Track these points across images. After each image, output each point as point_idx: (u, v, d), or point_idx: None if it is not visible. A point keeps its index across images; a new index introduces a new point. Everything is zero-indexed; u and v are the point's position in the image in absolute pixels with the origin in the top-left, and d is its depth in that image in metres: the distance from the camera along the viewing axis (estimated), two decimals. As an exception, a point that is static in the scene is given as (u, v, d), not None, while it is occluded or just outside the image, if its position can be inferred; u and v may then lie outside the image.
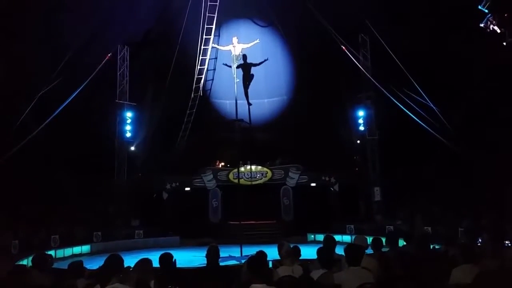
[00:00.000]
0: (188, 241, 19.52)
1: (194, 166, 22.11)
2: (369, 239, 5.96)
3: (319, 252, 4.82)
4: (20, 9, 14.87)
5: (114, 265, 3.95)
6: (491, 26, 10.99)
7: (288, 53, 22.76)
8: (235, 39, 17.83)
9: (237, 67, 17.74)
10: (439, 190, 17.47)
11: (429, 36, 16.38)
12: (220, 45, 19.24)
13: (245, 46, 17.74)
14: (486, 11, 11.05)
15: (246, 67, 17.69)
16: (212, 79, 23.11)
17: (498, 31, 10.94)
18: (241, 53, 17.66)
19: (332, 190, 22.16)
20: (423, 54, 16.54)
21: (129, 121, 21.81)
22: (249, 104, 18.18)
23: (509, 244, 8.76)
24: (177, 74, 20.63)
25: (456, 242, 7.48)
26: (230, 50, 18.02)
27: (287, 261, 5.04)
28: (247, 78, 17.96)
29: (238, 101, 17.04)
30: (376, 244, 5.78)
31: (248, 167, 21.30)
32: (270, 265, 5.84)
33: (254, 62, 17.77)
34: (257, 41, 17.94)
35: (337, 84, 20.06)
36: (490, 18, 11.03)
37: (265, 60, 17.68)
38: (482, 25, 11.25)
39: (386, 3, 17.46)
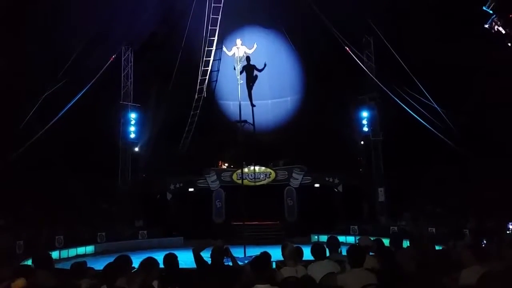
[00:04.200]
0: (192, 242, 19.51)
1: (198, 167, 22.15)
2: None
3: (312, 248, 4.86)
4: (25, 10, 14.96)
5: (122, 266, 3.96)
6: (496, 27, 10.95)
7: (292, 55, 22.76)
8: (238, 41, 17.83)
9: (241, 70, 17.70)
10: (443, 191, 17.40)
11: (433, 37, 16.33)
12: (225, 48, 19.19)
13: (248, 51, 17.72)
14: (491, 12, 11.02)
15: (249, 69, 17.70)
16: (216, 80, 23.15)
17: (503, 32, 10.90)
18: (244, 55, 17.65)
19: (336, 191, 22.11)
20: (427, 55, 16.48)
21: (133, 122, 21.90)
22: (253, 105, 18.18)
23: None
24: (181, 75, 20.68)
25: (461, 243, 7.45)
26: (234, 52, 18.01)
27: (291, 262, 5.04)
28: (251, 80, 17.96)
29: (241, 102, 17.06)
30: (378, 245, 5.76)
31: (252, 168, 21.29)
32: (274, 265, 5.84)
33: (257, 66, 17.74)
34: (255, 45, 17.85)
35: (341, 85, 20.03)
36: (494, 19, 11.00)
37: (265, 66, 17.65)
38: (486, 26, 11.22)
39: (390, 3, 17.42)
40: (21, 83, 15.38)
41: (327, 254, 5.26)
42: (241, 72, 17.48)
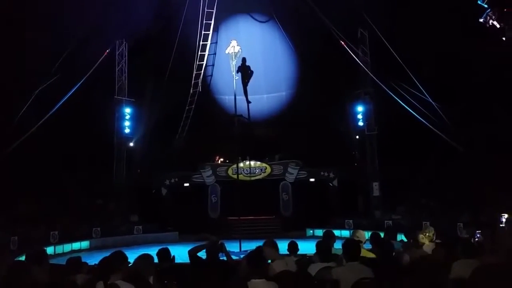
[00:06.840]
0: (187, 237, 19.54)
1: (193, 161, 22.12)
2: (368, 234, 5.98)
3: (318, 245, 4.83)
4: (19, 5, 14.79)
5: (117, 261, 3.94)
6: (491, 21, 10.95)
7: (287, 49, 22.70)
8: (234, 42, 17.86)
9: (237, 70, 17.72)
10: (438, 185, 17.50)
11: (429, 31, 16.34)
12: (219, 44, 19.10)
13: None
14: (486, 6, 11.02)
15: (244, 68, 17.80)
16: (211, 75, 23.06)
17: (498, 26, 10.90)
18: (240, 51, 17.62)
19: (331, 186, 22.19)
20: (422, 49, 16.51)
21: (127, 117, 21.76)
22: (248, 102, 18.23)
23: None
24: (176, 70, 20.56)
25: (454, 236, 7.51)
26: (229, 51, 18.01)
27: (276, 256, 5.02)
28: (246, 76, 18.04)
29: (237, 97, 17.02)
30: (375, 239, 5.79)
31: (247, 162, 21.30)
32: (269, 260, 5.84)
33: (250, 69, 17.85)
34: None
35: (336, 80, 20.02)
36: (489, 13, 10.99)
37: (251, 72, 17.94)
38: (481, 20, 11.22)
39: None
40: (14, 78, 15.23)
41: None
42: (237, 72, 17.57)
